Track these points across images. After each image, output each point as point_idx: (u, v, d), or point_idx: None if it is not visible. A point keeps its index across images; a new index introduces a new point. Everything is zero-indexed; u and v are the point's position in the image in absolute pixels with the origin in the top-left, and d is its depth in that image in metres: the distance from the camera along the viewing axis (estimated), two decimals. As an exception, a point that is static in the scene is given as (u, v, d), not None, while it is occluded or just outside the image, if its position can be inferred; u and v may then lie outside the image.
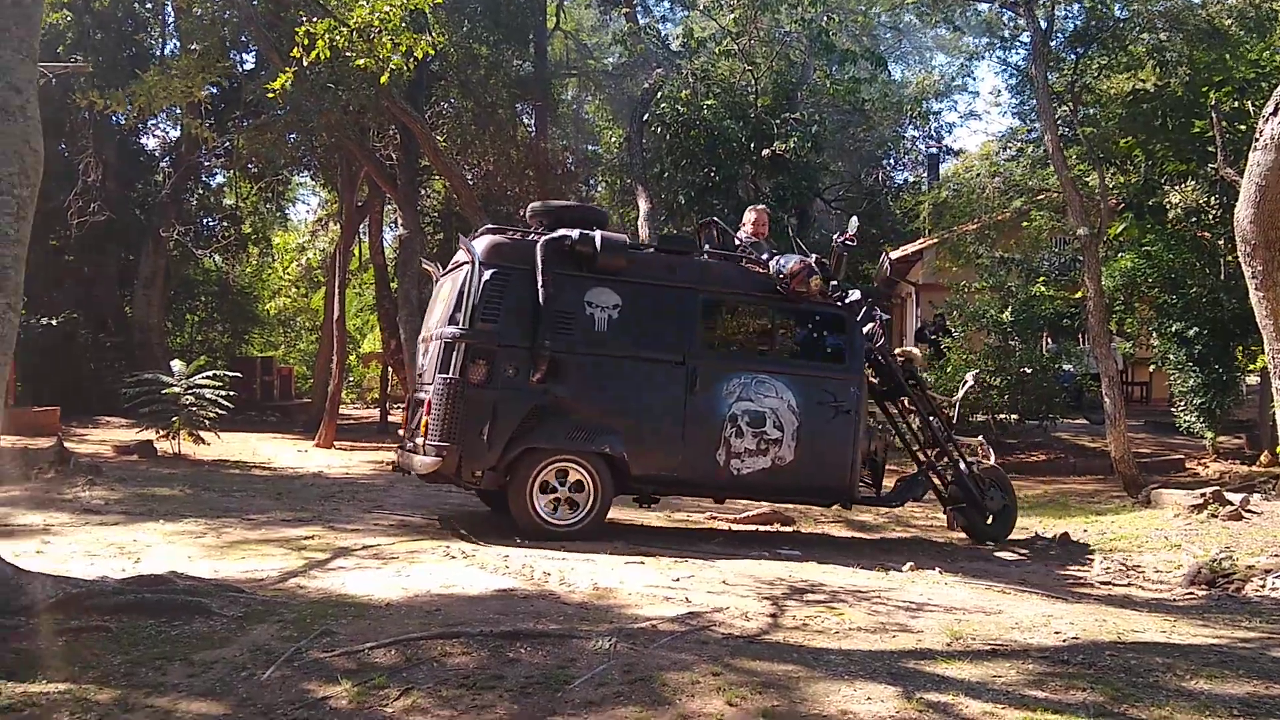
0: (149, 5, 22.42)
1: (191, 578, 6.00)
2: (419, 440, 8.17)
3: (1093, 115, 17.86)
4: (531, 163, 21.62)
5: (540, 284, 7.92)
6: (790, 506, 10.15)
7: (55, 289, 21.90)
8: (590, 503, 8.06)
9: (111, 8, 19.39)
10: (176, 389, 13.43)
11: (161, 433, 13.77)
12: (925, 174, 32.14)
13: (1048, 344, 19.08)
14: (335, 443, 17.10)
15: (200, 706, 4.05)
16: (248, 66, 22.34)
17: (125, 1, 20.50)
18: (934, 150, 32.91)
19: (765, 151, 18.53)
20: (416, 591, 6.04)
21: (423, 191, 23.29)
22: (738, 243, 9.37)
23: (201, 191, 25.84)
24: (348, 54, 9.94)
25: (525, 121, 24.79)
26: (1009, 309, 16.80)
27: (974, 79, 56.55)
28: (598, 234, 8.18)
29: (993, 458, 10.08)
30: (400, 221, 20.23)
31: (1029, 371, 16.10)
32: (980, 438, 10.78)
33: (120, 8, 20.36)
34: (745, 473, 8.40)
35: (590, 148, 27.90)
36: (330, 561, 6.97)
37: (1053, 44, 16.17)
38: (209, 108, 20.08)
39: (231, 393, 14.36)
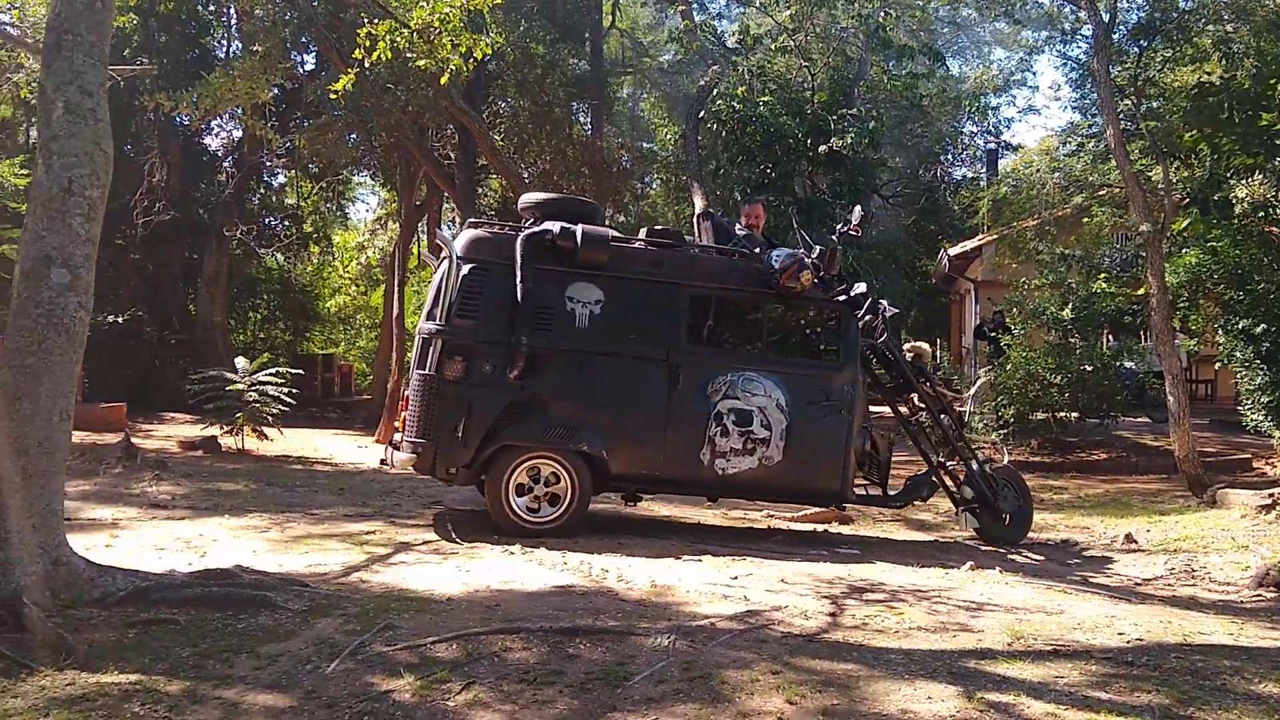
0: (211, 8, 22.77)
1: (257, 572, 6.12)
2: (398, 436, 8.21)
3: (1156, 109, 17.56)
4: (587, 161, 21.68)
5: (518, 279, 7.85)
6: (849, 505, 10.02)
7: (121, 287, 22.31)
8: (568, 500, 7.95)
9: (175, 11, 19.68)
10: (240, 385, 13.64)
11: (226, 429, 13.98)
12: (984, 169, 31.89)
13: (1109, 341, 18.81)
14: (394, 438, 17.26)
15: (267, 699, 4.13)
16: (308, 67, 22.64)
17: (189, 5, 20.81)
18: (992, 145, 32.60)
19: (822, 148, 18.43)
20: (476, 587, 6.10)
21: (480, 190, 23.44)
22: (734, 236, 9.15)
23: (263, 191, 26.24)
24: (408, 55, 10.03)
25: (581, 120, 24.91)
26: (1069, 306, 16.58)
27: (1033, 73, 55.77)
28: (579, 228, 8.06)
29: (1006, 457, 9.79)
30: (458, 220, 20.38)
31: (1090, 369, 15.88)
32: (995, 436, 10.51)
33: (184, 11, 20.67)
34: (731, 472, 8.23)
35: (645, 145, 27.92)
36: (392, 556, 7.06)
37: (1115, 37, 15.91)
38: (272, 109, 20.34)
39: (293, 389, 14.54)
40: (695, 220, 10.13)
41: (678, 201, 23.83)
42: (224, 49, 23.14)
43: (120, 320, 20.56)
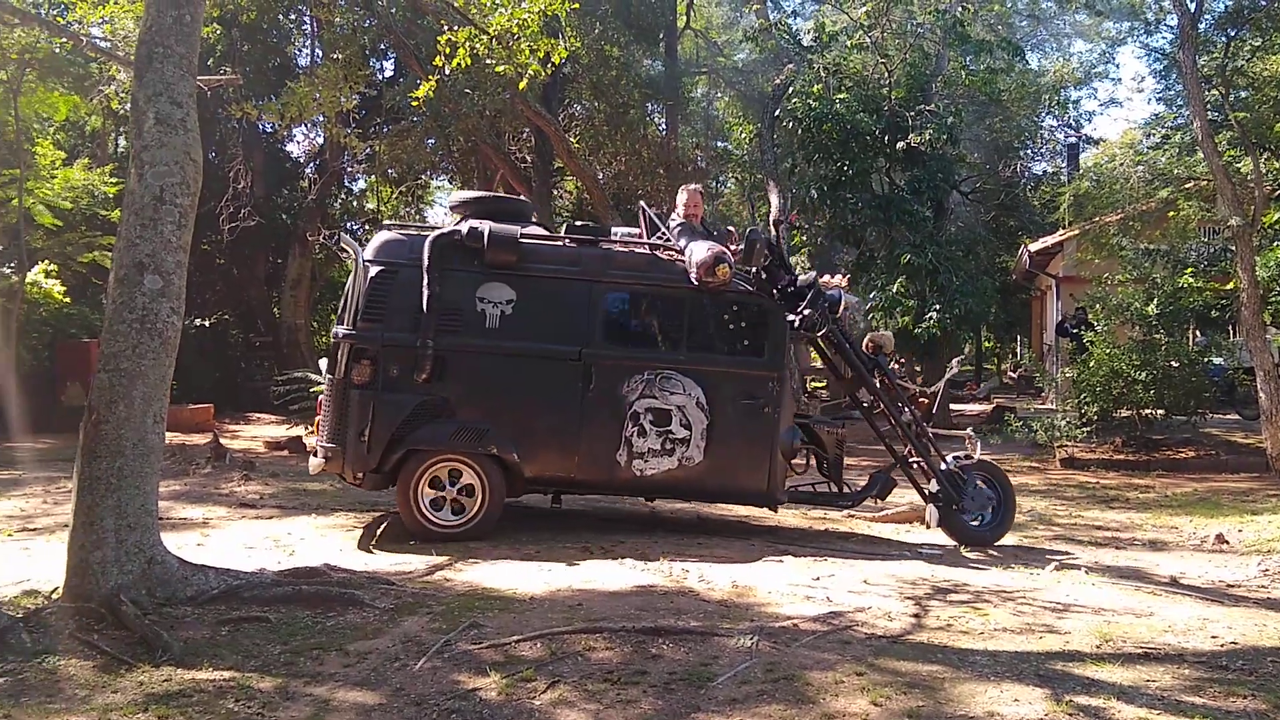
0: (292, 17, 23.16)
1: (344, 570, 6.24)
2: (313, 440, 8.22)
3: (1245, 99, 17.14)
4: (662, 161, 21.73)
5: (425, 281, 7.76)
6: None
7: (208, 291, 22.81)
8: (478, 504, 7.79)
9: (258, 21, 20.06)
10: (324, 387, 13.84)
11: (310, 429, 14.22)
12: (1064, 164, 31.35)
13: (1195, 337, 18.38)
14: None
15: (357, 696, 4.21)
16: (387, 74, 22.95)
17: (270, 15, 21.18)
18: (1073, 139, 32.03)
19: (900, 144, 18.28)
20: (558, 586, 6.15)
21: (555, 192, 23.62)
22: (672, 227, 8.73)
23: (344, 196, 26.70)
24: (486, 60, 10.11)
25: (656, 120, 24.94)
26: (1154, 301, 16.24)
27: (1115, 65, 54.51)
28: (486, 227, 7.93)
29: (979, 451, 9.27)
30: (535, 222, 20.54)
31: (1176, 365, 15.54)
32: (969, 430, 10.03)
33: (265, 20, 21.05)
34: (650, 474, 8.02)
35: (720, 144, 27.88)
36: (474, 555, 7.14)
37: (1201, 26, 15.55)
38: (354, 116, 20.68)
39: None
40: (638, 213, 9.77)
41: (753, 201, 23.78)
42: (305, 57, 23.54)
43: (207, 323, 21.02)
